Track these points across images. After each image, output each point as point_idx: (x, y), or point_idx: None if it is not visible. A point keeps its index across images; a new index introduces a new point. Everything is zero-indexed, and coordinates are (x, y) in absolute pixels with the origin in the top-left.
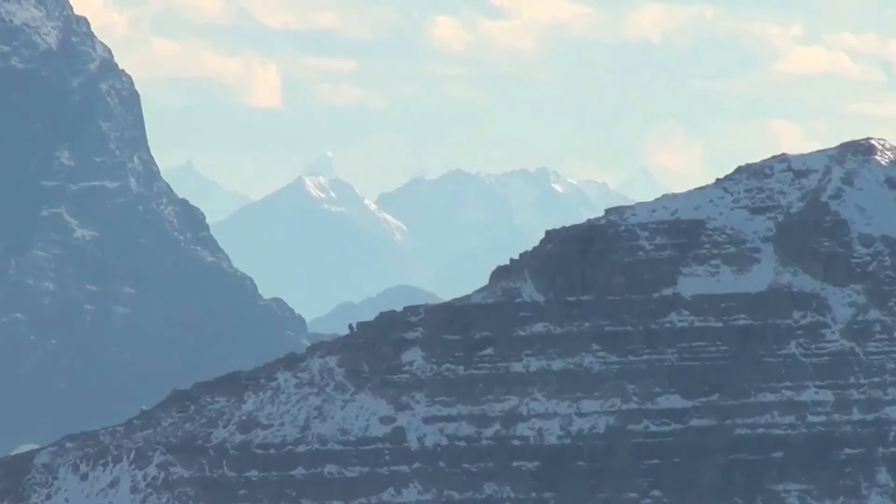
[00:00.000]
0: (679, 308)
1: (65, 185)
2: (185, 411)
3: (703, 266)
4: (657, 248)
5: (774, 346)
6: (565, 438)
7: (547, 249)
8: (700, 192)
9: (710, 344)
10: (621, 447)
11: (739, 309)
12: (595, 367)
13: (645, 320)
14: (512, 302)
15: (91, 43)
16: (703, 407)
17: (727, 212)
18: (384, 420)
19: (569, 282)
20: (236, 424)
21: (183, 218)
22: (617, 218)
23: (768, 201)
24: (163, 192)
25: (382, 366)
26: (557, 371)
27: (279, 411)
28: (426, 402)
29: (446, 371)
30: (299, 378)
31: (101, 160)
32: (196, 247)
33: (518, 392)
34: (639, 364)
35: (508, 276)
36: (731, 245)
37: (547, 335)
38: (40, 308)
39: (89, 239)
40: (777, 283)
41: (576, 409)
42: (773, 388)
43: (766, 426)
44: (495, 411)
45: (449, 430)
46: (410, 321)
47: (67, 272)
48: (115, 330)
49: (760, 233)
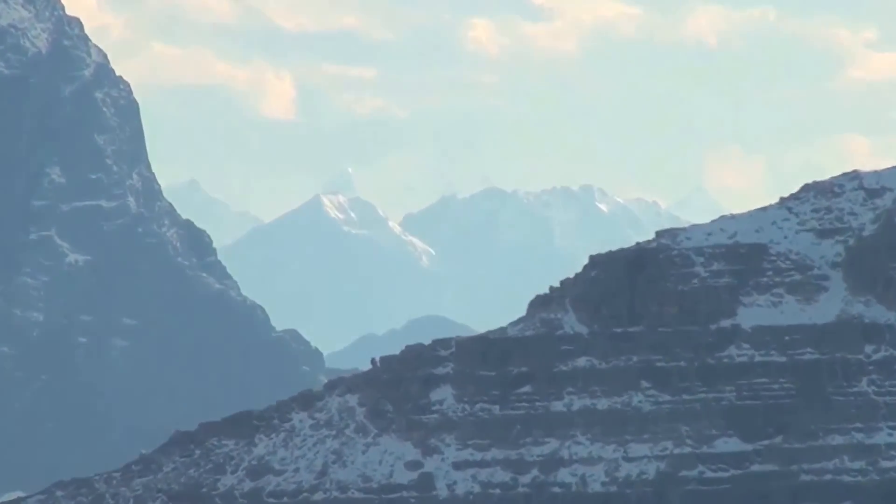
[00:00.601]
0: (738, 341)
1: (55, 204)
2: (190, 455)
3: (765, 295)
4: (714, 275)
5: (844, 384)
6: (611, 485)
7: (591, 276)
8: (762, 213)
9: (772, 381)
10: (673, 495)
11: (805, 342)
12: (645, 407)
13: (700, 355)
14: (552, 334)
15: (85, 47)
16: (764, 451)
17: (792, 235)
18: (410, 465)
19: (615, 312)
20: (246, 470)
21: (187, 241)
22: (669, 241)
23: (838, 223)
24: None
25: (408, 405)
26: (603, 411)
27: (293, 455)
28: (457, 446)
29: (480, 411)
30: (316, 419)
31: (96, 177)
32: (202, 273)
33: (559, 434)
34: (693, 403)
35: (548, 305)
36: (796, 272)
37: (591, 371)
38: (28, 341)
39: (83, 264)
40: (847, 313)
41: (623, 453)
42: (843, 429)
43: (835, 472)
44: (534, 455)
45: (482, 477)
46: (440, 355)
47: (58, 301)
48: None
49: (829, 258)
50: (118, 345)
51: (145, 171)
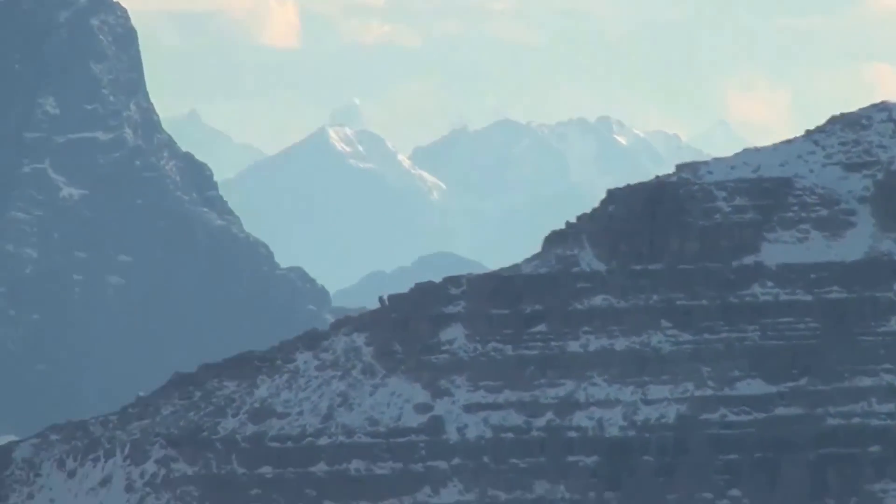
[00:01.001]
0: (762, 279)
1: (49, 136)
2: (189, 398)
3: (790, 231)
4: (737, 211)
5: (872, 323)
6: (629, 430)
7: (609, 211)
8: (787, 147)
9: (797, 320)
10: (694, 440)
11: (832, 280)
12: (664, 347)
13: (722, 293)
14: (568, 271)
15: None
16: (789, 393)
17: (818, 168)
18: (419, 408)
19: (634, 249)
20: (248, 413)
21: (187, 175)
22: (690, 175)
23: (866, 156)
24: (164, 144)
25: (418, 345)
26: (621, 351)
27: (298, 398)
28: (468, 388)
29: (492, 351)
30: (321, 359)
31: (91, 108)
32: (202, 208)
33: (575, 376)
34: (715, 344)
35: (564, 241)
36: (822, 207)
37: (608, 310)
38: (21, 278)
39: (78, 199)
40: (875, 250)
41: (642, 396)
42: (871, 371)
43: (863, 415)
44: (548, 398)
45: (494, 420)
46: (450, 294)
47: (52, 237)
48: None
49: (856, 192)
50: (114, 282)
51: (143, 101)
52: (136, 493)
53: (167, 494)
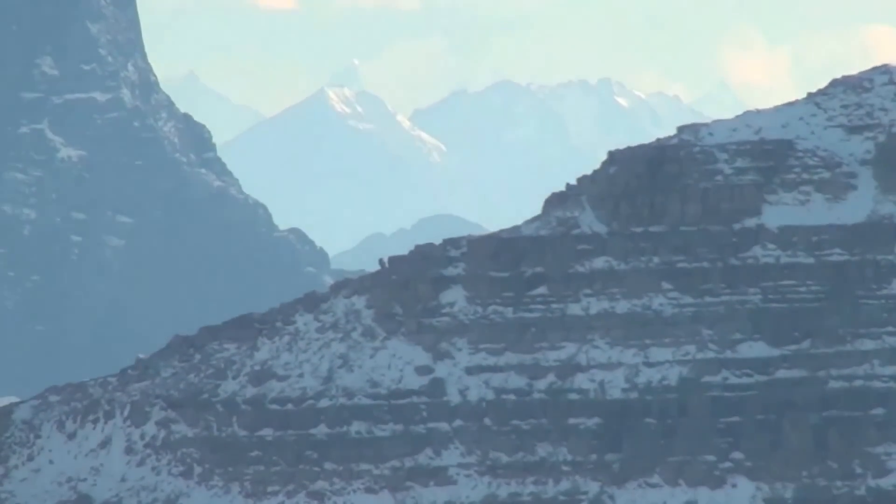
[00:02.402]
0: (764, 241)
1: (47, 97)
2: (189, 360)
3: (792, 193)
4: (738, 172)
5: (874, 286)
6: (631, 392)
7: (609, 173)
8: (788, 109)
9: (799, 283)
10: (696, 402)
11: (834, 242)
12: (666, 310)
13: (724, 255)
14: (569, 234)
15: None
16: (791, 356)
17: (820, 131)
18: (420, 370)
19: (635, 210)
20: (248, 375)
21: (185, 136)
22: (691, 137)
23: (868, 119)
24: (162, 105)
25: (418, 307)
26: (622, 314)
27: (298, 360)
28: (469, 350)
29: (492, 314)
30: (321, 321)
31: (89, 68)
32: (201, 169)
33: (576, 338)
34: (717, 306)
35: (564, 203)
36: (824, 169)
37: (609, 272)
38: (19, 240)
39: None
40: (877, 212)
41: (643, 358)
42: (874, 333)
43: (866, 378)
44: (549, 360)
45: (496, 382)
46: (451, 256)
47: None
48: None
49: (858, 155)
50: (113, 244)
51: (141, 62)
52: (137, 455)
53: (167, 456)
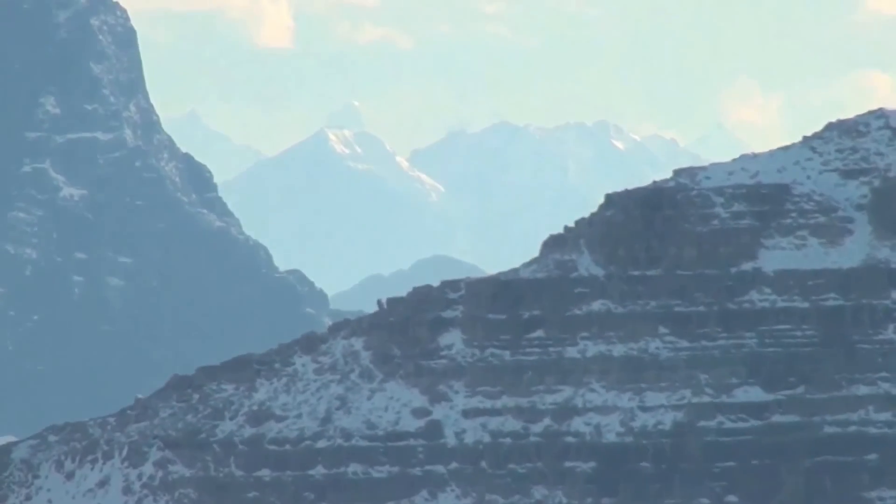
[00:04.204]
0: (760, 286)
1: (50, 136)
2: (188, 400)
3: (788, 238)
4: (734, 217)
5: (870, 331)
6: (626, 436)
7: (607, 216)
8: (784, 153)
9: (795, 328)
10: (691, 446)
11: (829, 287)
12: (662, 354)
13: (720, 299)
14: (566, 277)
15: None
16: (786, 401)
17: (815, 175)
18: (417, 413)
19: (632, 254)
20: (246, 416)
21: (187, 176)
22: (688, 180)
23: (863, 163)
24: (164, 145)
25: (416, 349)
26: (618, 357)
27: (296, 401)
28: (466, 393)
29: (490, 356)
30: (320, 363)
31: (92, 108)
32: (202, 209)
33: (573, 381)
34: (712, 350)
35: (562, 246)
36: (819, 214)
37: (606, 315)
38: (21, 279)
39: (78, 199)
40: (872, 257)
41: (639, 402)
42: (868, 379)
43: (860, 423)
44: (546, 403)
45: (492, 426)
46: (449, 298)
47: (52, 237)
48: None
49: (854, 200)
50: (114, 284)
51: (143, 102)
52: (134, 495)
53: (165, 497)
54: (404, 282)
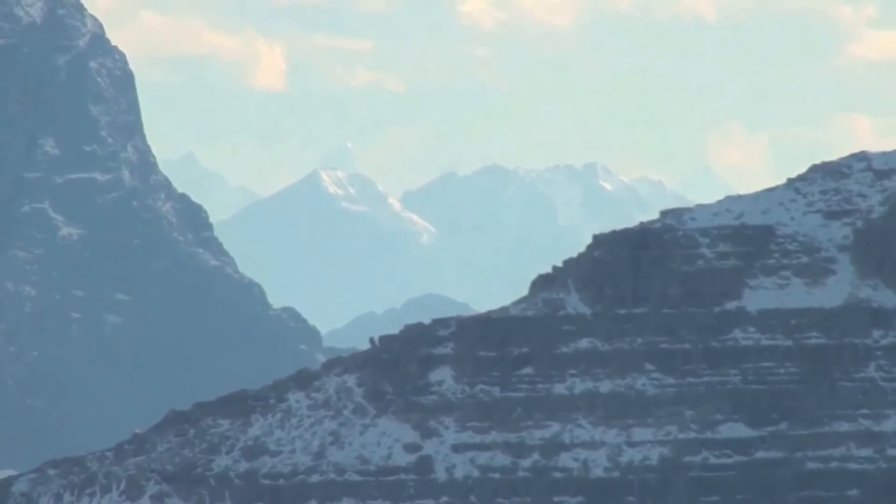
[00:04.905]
0: (744, 324)
1: (49, 176)
2: (184, 435)
3: (772, 277)
4: (719, 257)
5: (851, 369)
6: (613, 471)
7: (594, 256)
8: (769, 194)
9: (778, 365)
10: (677, 481)
11: (812, 326)
12: (648, 390)
13: (705, 337)
14: (554, 315)
15: (80, 16)
16: (769, 437)
17: (799, 216)
18: (409, 448)
19: (619, 293)
20: (241, 451)
21: (183, 216)
22: (674, 221)
23: (846, 205)
24: (161, 186)
25: (407, 386)
26: (605, 394)
27: (290, 436)
28: (456, 428)
29: (480, 393)
30: (313, 399)
31: (90, 149)
32: (198, 248)
33: (561, 417)
34: (698, 387)
35: (551, 285)
36: (803, 254)
37: (594, 353)
38: (20, 316)
39: (76, 238)
40: (855, 297)
41: (626, 438)
42: (850, 416)
43: (841, 459)
44: (534, 439)
45: (482, 461)
46: (439, 335)
47: (51, 275)
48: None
49: (837, 240)
50: (111, 321)
51: (141, 143)
52: None
53: None
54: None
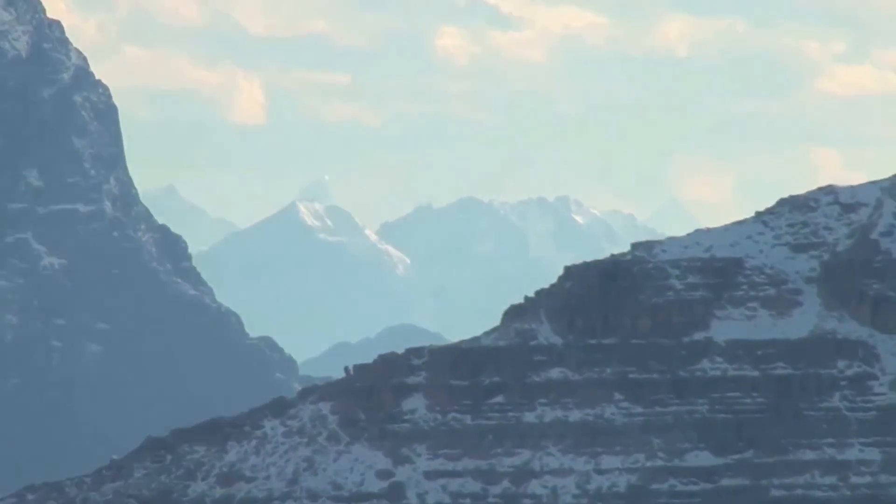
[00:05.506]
0: (711, 355)
1: (32, 207)
2: (161, 461)
3: (739, 309)
4: (689, 288)
5: (816, 399)
6: (582, 498)
7: (566, 287)
8: (737, 227)
9: (744, 395)
10: None
11: (778, 357)
12: (617, 419)
13: (673, 367)
14: (526, 345)
15: (65, 50)
16: (735, 465)
17: (767, 249)
18: (381, 474)
19: (589, 323)
20: (217, 477)
21: (163, 246)
22: (644, 254)
23: (813, 238)
24: (141, 217)
25: (381, 414)
26: (575, 422)
27: (265, 463)
28: (428, 455)
29: (451, 421)
30: (288, 426)
31: (73, 181)
32: (177, 279)
33: (531, 445)
34: (665, 416)
35: (523, 316)
36: (770, 286)
37: (564, 382)
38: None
39: (58, 268)
40: (821, 328)
41: (594, 466)
42: (814, 444)
43: (806, 487)
44: (505, 466)
45: (453, 487)
46: (413, 364)
47: (33, 304)
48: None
49: (803, 273)
50: (92, 349)
51: (123, 175)
52: None
53: None
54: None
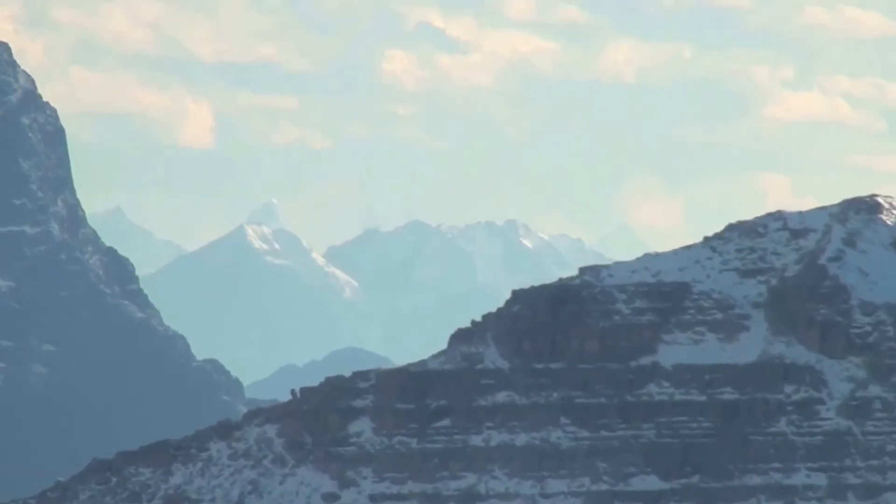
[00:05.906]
0: (658, 379)
1: None
2: (106, 483)
3: (687, 333)
4: (636, 313)
5: (763, 424)
6: None
7: (513, 311)
8: (686, 252)
9: (691, 419)
10: None
11: (725, 381)
12: (563, 443)
13: (620, 392)
14: (472, 368)
15: (13, 71)
16: (682, 489)
17: (715, 274)
18: (327, 497)
19: (537, 347)
20: (162, 499)
21: (110, 269)
22: (592, 278)
23: (761, 263)
24: (89, 239)
25: (327, 437)
26: (521, 446)
27: (210, 485)
28: (374, 479)
29: (398, 444)
30: (234, 448)
31: (20, 202)
32: (124, 301)
33: (477, 469)
34: (612, 440)
35: (470, 339)
36: (717, 311)
37: (511, 406)
38: None
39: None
40: (768, 353)
41: (540, 490)
42: (761, 469)
43: None
44: (450, 490)
45: None
46: (359, 388)
47: None
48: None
49: (751, 298)
50: (37, 371)
51: (70, 197)
52: None
53: None
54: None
